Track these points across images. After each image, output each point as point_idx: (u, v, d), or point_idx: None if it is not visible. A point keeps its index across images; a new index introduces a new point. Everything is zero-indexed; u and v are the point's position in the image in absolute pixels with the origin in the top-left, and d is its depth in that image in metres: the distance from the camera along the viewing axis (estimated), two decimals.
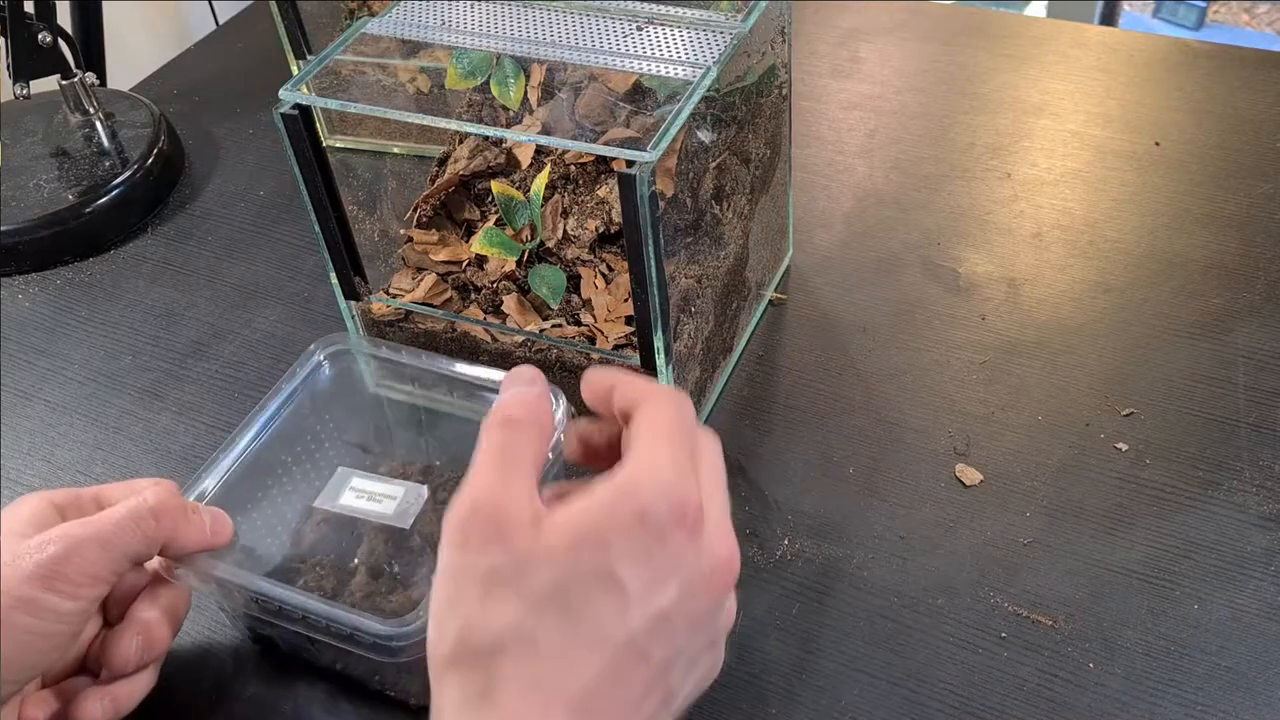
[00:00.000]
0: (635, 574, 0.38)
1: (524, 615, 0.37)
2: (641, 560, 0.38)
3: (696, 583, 0.39)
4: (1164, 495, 0.59)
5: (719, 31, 0.56)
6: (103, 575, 0.46)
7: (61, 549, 0.45)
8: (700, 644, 0.40)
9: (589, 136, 0.55)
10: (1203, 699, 0.50)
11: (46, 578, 0.45)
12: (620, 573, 0.37)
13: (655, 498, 0.38)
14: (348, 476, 0.54)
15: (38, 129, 0.88)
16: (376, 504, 0.53)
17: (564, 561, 0.38)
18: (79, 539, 0.46)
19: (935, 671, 0.52)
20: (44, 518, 0.48)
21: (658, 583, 0.38)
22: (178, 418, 0.69)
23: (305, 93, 0.55)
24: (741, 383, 0.67)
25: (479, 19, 0.58)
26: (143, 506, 0.48)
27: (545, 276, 0.62)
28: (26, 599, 0.44)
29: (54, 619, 0.45)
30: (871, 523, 0.59)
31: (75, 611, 0.46)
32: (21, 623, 0.44)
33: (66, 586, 0.45)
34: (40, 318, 0.77)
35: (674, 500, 0.38)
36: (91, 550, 0.46)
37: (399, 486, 0.53)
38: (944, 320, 0.70)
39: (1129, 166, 0.80)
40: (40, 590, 0.45)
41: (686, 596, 0.38)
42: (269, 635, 0.54)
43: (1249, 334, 0.67)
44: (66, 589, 0.45)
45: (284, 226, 0.83)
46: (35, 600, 0.45)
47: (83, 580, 0.46)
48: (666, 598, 0.38)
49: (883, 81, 0.91)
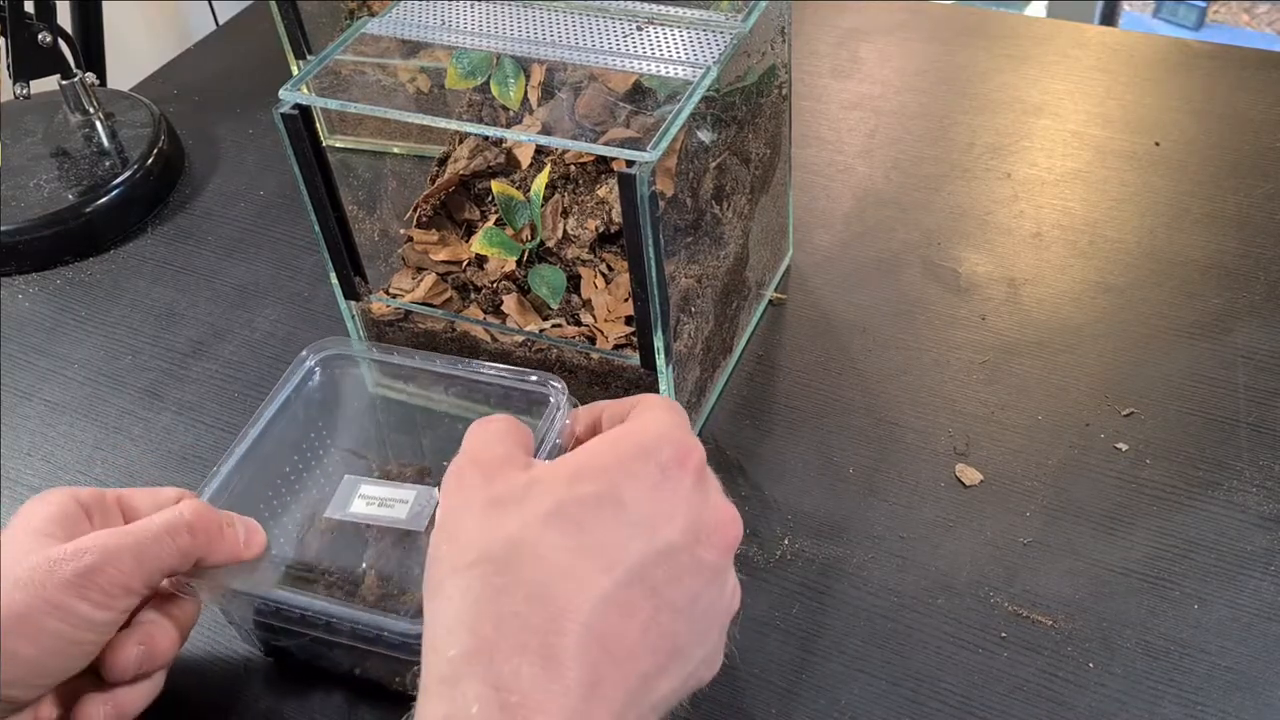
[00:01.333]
0: (640, 500, 0.37)
1: (527, 527, 0.37)
2: (647, 489, 0.37)
3: (703, 529, 0.38)
4: (1164, 495, 0.59)
5: (719, 31, 0.56)
6: (135, 587, 0.46)
7: (98, 559, 0.45)
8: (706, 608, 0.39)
9: (589, 136, 0.55)
10: (1203, 699, 0.50)
11: (81, 586, 0.45)
12: (625, 496, 0.37)
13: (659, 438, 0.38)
14: (355, 484, 0.54)
15: (38, 129, 0.88)
16: (389, 509, 0.53)
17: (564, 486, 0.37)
18: (115, 550, 0.46)
19: (935, 671, 0.52)
20: (71, 515, 0.48)
21: (664, 515, 0.37)
22: (178, 417, 0.69)
23: (305, 93, 0.55)
24: (741, 383, 0.67)
25: (479, 19, 0.58)
26: (179, 520, 0.47)
27: (545, 276, 0.62)
28: (60, 605, 0.44)
29: (85, 627, 0.45)
30: (871, 523, 0.59)
31: (105, 621, 0.46)
32: (52, 628, 0.44)
33: (99, 596, 0.45)
34: (40, 318, 0.77)
35: (677, 443, 0.38)
36: (127, 562, 0.46)
37: (409, 490, 0.53)
38: (944, 320, 0.70)
39: (1129, 166, 0.80)
40: (74, 598, 0.44)
41: (692, 541, 0.38)
42: (283, 646, 0.54)
43: (1249, 334, 0.67)
44: (99, 598, 0.45)
45: (284, 226, 0.83)
46: (68, 607, 0.44)
47: (115, 591, 0.45)
48: (672, 535, 0.37)
49: (883, 81, 0.91)
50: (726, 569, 0.40)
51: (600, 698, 0.35)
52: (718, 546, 0.39)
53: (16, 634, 0.44)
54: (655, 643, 0.37)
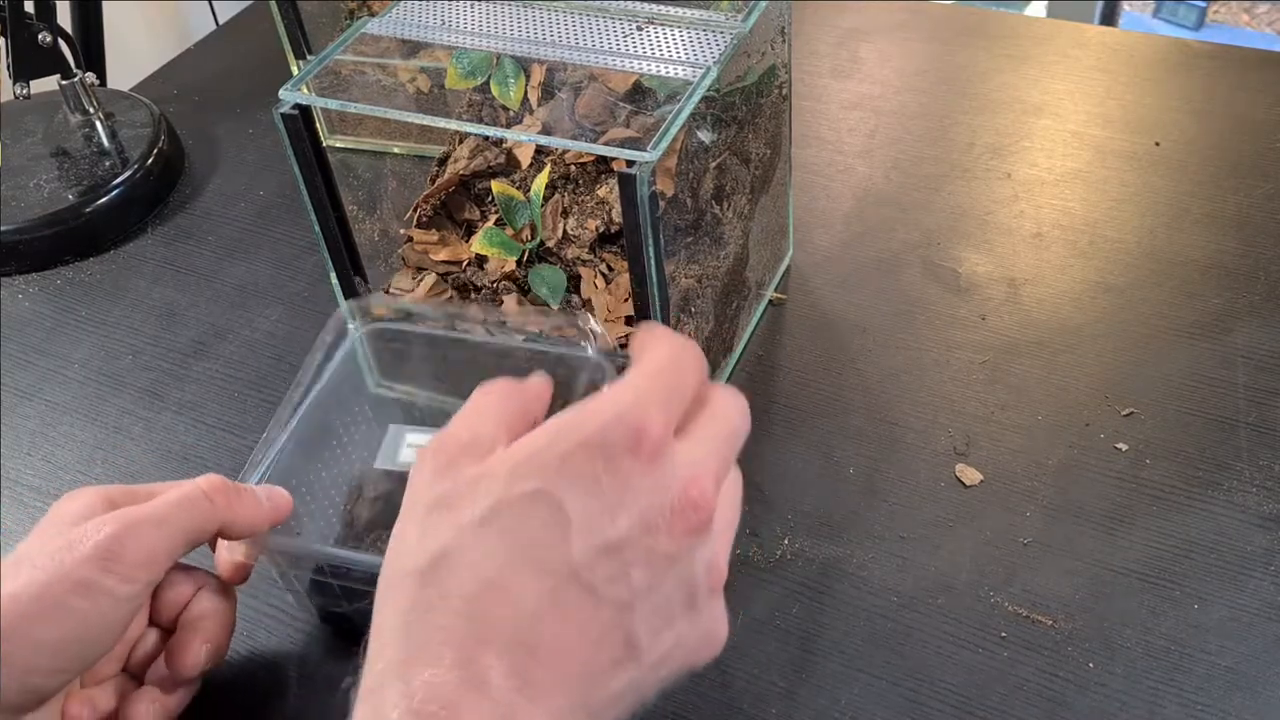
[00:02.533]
0: (578, 499, 0.36)
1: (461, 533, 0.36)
2: (586, 485, 0.36)
3: (654, 518, 0.36)
4: (1164, 495, 0.59)
5: (719, 31, 0.56)
6: (159, 557, 0.45)
7: (118, 528, 0.44)
8: (668, 593, 0.37)
9: (589, 136, 0.55)
10: (1203, 699, 0.50)
11: (104, 559, 0.44)
12: (561, 496, 0.36)
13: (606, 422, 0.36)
14: (400, 433, 0.52)
15: (38, 129, 0.88)
16: None
17: (501, 485, 0.36)
18: (135, 519, 0.45)
19: (935, 671, 0.52)
20: (98, 510, 0.47)
21: (605, 511, 0.36)
22: (178, 417, 0.69)
23: (305, 93, 0.55)
24: (741, 383, 0.67)
25: (479, 19, 0.58)
26: (194, 488, 0.47)
27: (545, 276, 0.62)
28: (83, 581, 0.43)
29: (110, 603, 0.44)
30: (871, 523, 0.59)
31: (131, 596, 0.45)
32: (78, 608, 0.43)
33: (123, 569, 0.44)
34: (40, 318, 0.77)
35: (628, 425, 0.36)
36: (148, 530, 0.45)
37: None
38: (944, 320, 0.70)
39: (1129, 166, 0.80)
40: (98, 573, 0.43)
41: (642, 532, 0.36)
42: (340, 612, 0.53)
43: (1249, 334, 0.67)
44: (123, 570, 0.44)
45: (284, 226, 0.83)
46: (92, 583, 0.43)
47: (139, 561, 0.44)
48: (616, 529, 0.36)
49: (883, 81, 0.91)
50: (693, 549, 0.37)
51: (531, 700, 0.34)
52: (675, 532, 0.36)
53: (36, 616, 0.43)
54: (598, 640, 0.36)
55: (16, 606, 0.43)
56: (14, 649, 0.42)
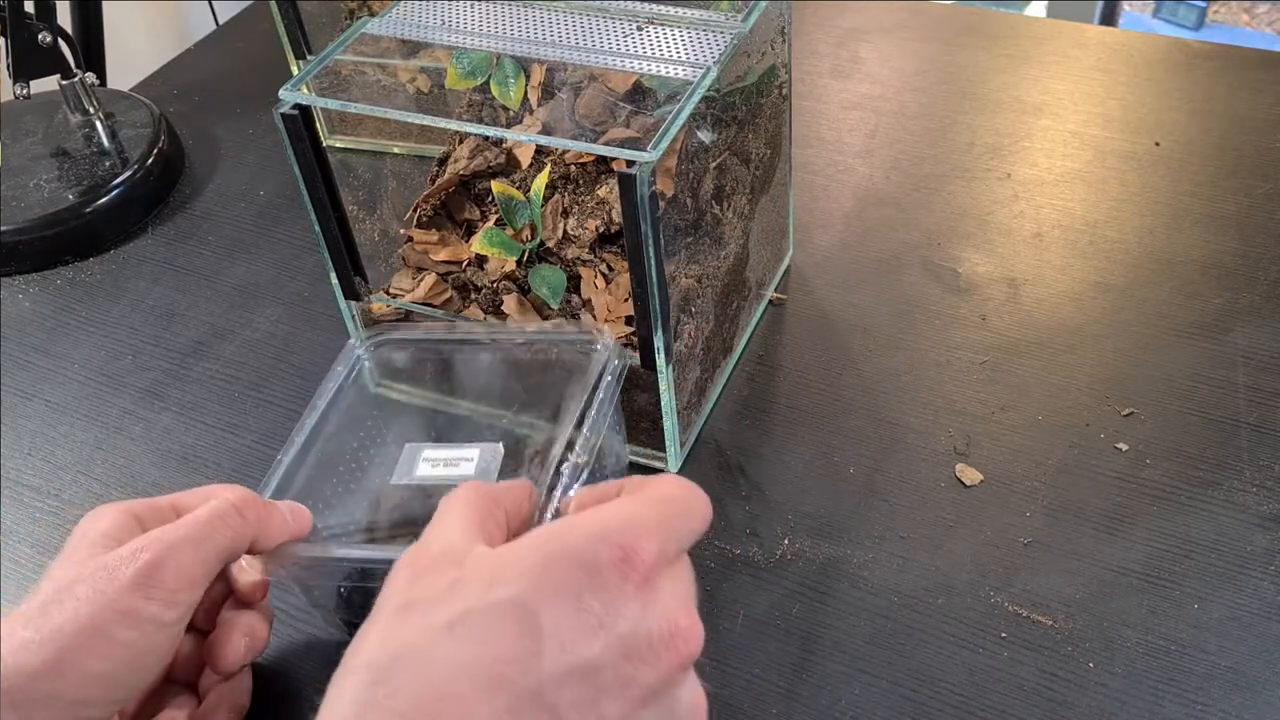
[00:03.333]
0: (556, 612, 0.33)
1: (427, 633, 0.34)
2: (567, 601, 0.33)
3: (636, 645, 0.34)
4: (1164, 495, 0.59)
5: (719, 31, 0.56)
6: (198, 578, 0.45)
7: (156, 554, 0.43)
8: None
9: (589, 136, 0.55)
10: (1203, 699, 0.50)
11: (145, 586, 0.43)
12: (538, 608, 0.33)
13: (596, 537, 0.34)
14: (417, 450, 0.52)
15: (38, 129, 0.88)
16: (455, 469, 0.51)
17: (476, 591, 0.34)
18: (171, 542, 0.44)
19: (935, 671, 0.52)
20: (125, 528, 0.46)
21: (584, 630, 0.33)
22: (178, 417, 0.69)
23: (305, 93, 0.55)
24: (741, 383, 0.67)
25: (479, 19, 0.58)
26: (225, 504, 0.46)
27: (545, 276, 0.62)
28: (126, 610, 0.42)
29: (154, 629, 0.43)
30: (871, 523, 0.59)
31: (174, 621, 0.44)
32: (123, 637, 0.42)
33: (164, 594, 0.43)
34: (40, 318, 0.77)
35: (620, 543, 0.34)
36: (185, 552, 0.44)
37: (472, 449, 0.52)
38: (944, 320, 0.70)
39: (1129, 166, 0.80)
40: (141, 600, 0.42)
41: (621, 659, 0.33)
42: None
43: (1249, 334, 0.67)
44: (164, 595, 0.43)
45: (284, 226, 0.83)
46: (136, 611, 0.42)
47: (180, 585, 0.44)
48: (591, 651, 0.33)
49: (883, 81, 0.91)
50: (675, 685, 0.35)
51: None
52: (661, 663, 0.34)
53: (85, 649, 0.42)
54: None
55: (64, 640, 0.42)
56: (64, 684, 0.41)
